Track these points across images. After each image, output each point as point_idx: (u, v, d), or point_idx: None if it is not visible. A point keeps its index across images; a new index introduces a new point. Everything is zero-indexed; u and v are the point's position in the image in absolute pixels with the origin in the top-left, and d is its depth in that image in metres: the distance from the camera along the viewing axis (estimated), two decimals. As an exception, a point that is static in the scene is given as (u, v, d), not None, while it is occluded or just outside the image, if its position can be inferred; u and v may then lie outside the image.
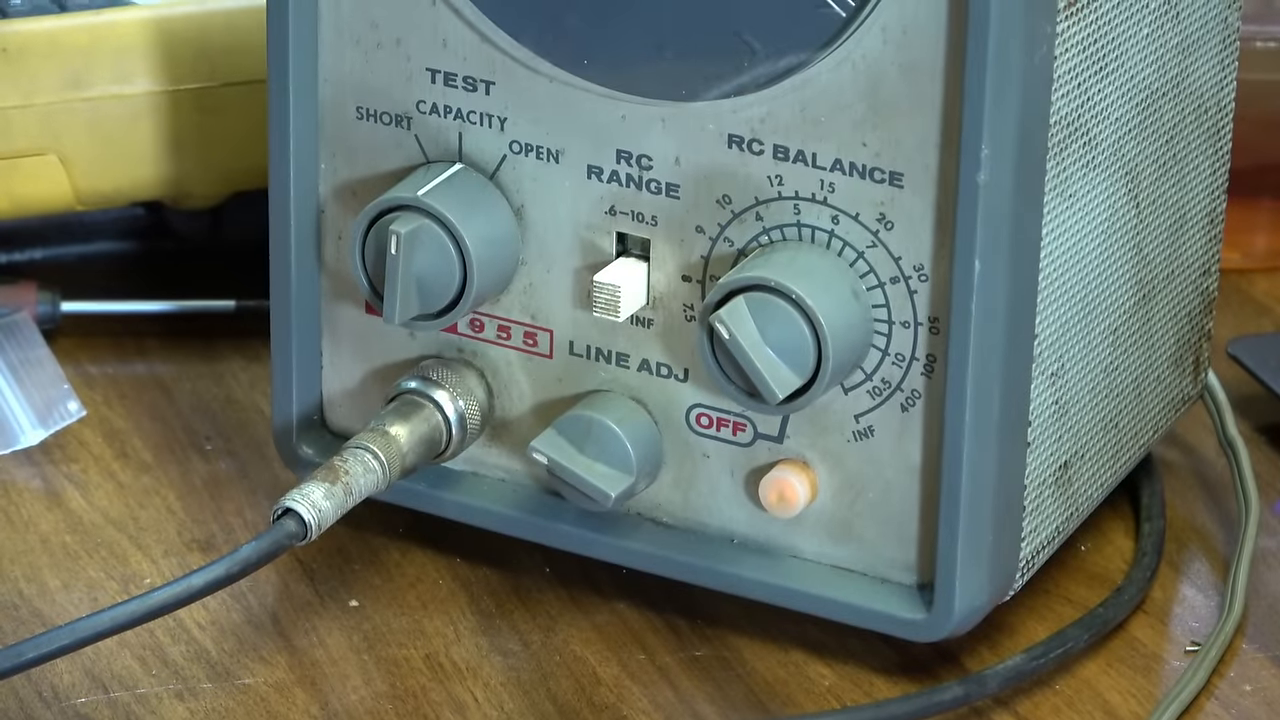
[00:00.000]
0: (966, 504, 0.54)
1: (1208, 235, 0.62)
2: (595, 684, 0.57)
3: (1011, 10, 0.50)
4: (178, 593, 0.53)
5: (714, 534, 0.57)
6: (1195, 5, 0.58)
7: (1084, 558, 0.61)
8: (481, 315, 0.58)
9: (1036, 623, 0.58)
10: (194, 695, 0.56)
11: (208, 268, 0.69)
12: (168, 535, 0.61)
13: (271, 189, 0.59)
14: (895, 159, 0.53)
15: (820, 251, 0.54)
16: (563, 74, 0.55)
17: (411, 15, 0.56)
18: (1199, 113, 0.60)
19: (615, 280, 0.56)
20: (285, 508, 0.54)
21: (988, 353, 0.53)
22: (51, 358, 0.66)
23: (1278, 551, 0.62)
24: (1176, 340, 0.61)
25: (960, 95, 0.51)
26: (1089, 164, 0.55)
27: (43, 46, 0.67)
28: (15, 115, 0.66)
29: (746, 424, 0.56)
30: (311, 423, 0.60)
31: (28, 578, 0.59)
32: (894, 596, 0.56)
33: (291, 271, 0.59)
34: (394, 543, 0.60)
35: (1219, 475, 0.63)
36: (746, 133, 0.54)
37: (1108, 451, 0.59)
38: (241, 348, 0.66)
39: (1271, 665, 0.58)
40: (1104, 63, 0.55)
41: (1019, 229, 0.53)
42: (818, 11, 0.52)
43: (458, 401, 0.57)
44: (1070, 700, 0.56)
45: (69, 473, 0.63)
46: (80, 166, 0.67)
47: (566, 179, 0.56)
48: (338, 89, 0.58)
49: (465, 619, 0.59)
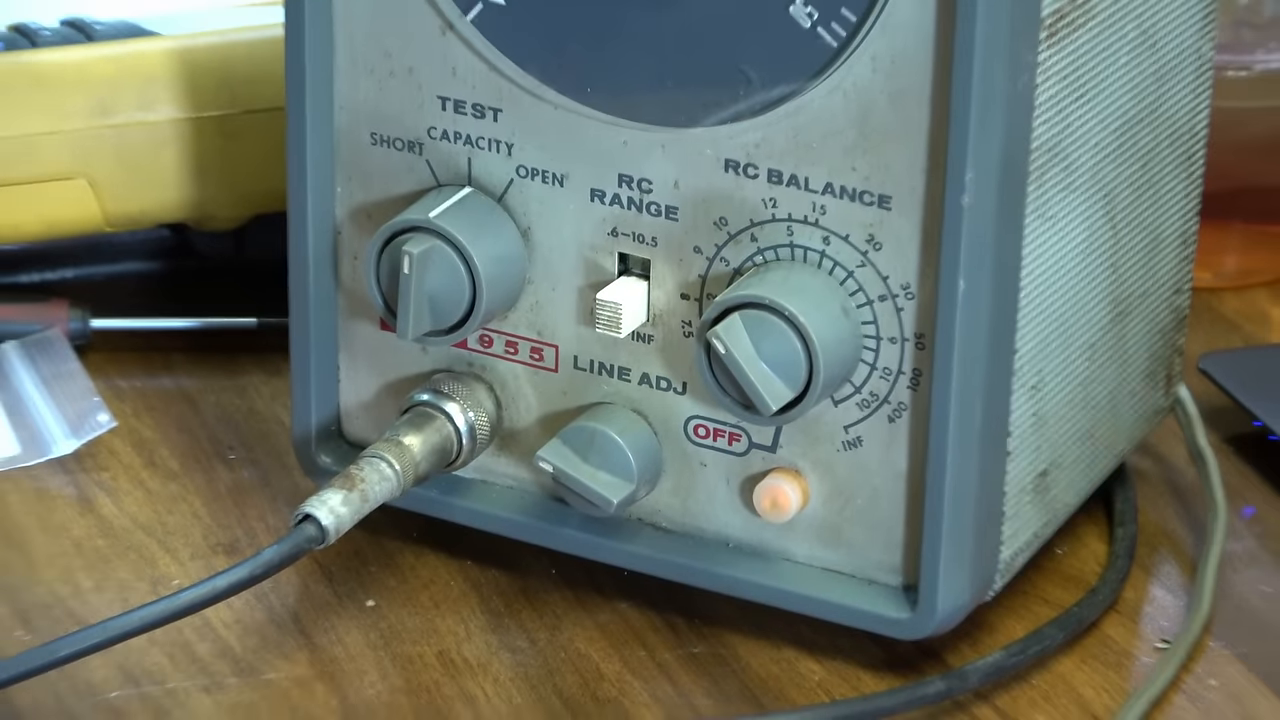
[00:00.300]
0: (949, 510, 0.55)
1: (1181, 255, 0.63)
2: (599, 679, 0.57)
3: (995, 40, 0.51)
4: (204, 593, 0.54)
5: (710, 538, 0.58)
6: (1171, 36, 0.59)
7: (1060, 560, 0.61)
8: (490, 331, 0.59)
9: (1015, 621, 0.59)
10: (220, 689, 0.56)
11: (230, 286, 0.70)
12: (194, 539, 0.62)
13: (290, 212, 0.59)
14: (884, 183, 0.53)
15: (812, 271, 0.55)
16: (567, 101, 0.56)
17: (423, 45, 0.57)
18: (1174, 138, 0.61)
19: (617, 298, 0.56)
20: (305, 513, 0.54)
21: (970, 367, 0.54)
22: (83, 372, 0.67)
23: (1244, 555, 0.62)
24: (1150, 355, 0.62)
25: (946, 122, 0.52)
26: (1068, 187, 0.56)
27: (71, 75, 0.67)
28: (45, 141, 0.66)
29: (741, 434, 0.57)
30: (329, 433, 0.61)
31: (62, 579, 0.60)
32: (880, 597, 0.57)
33: (309, 290, 0.59)
34: (408, 546, 0.61)
35: (1189, 483, 0.64)
36: (742, 158, 0.55)
37: (1084, 460, 0.60)
38: (263, 362, 0.66)
39: (1237, 661, 0.58)
40: (1083, 91, 0.55)
41: (1001, 249, 0.53)
42: (810, 42, 0.53)
43: (468, 413, 0.58)
44: (1046, 694, 0.57)
45: (100, 480, 0.64)
46: (108, 190, 0.67)
47: (571, 202, 0.57)
48: (353, 116, 0.58)
49: (476, 618, 0.59)
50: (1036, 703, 0.57)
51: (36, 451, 0.64)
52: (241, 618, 0.59)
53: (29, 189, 0.67)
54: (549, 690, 0.57)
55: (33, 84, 0.67)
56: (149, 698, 0.56)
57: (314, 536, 0.54)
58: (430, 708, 0.56)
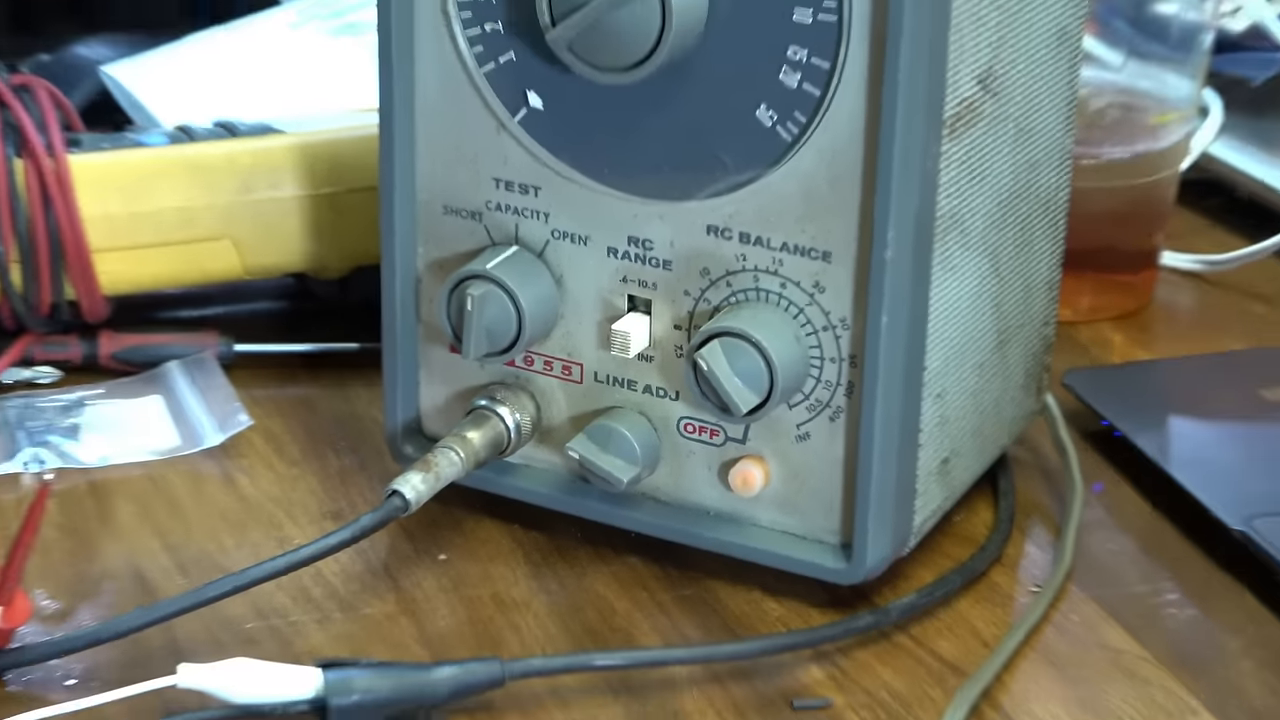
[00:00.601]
0: (875, 488, 0.54)
1: (1048, 297, 0.62)
2: (612, 614, 0.57)
3: (910, 137, 0.51)
4: (317, 549, 0.54)
5: (696, 508, 0.58)
6: (1041, 132, 0.59)
7: (958, 525, 0.61)
8: (532, 353, 0.58)
9: (925, 571, 0.59)
10: (329, 622, 0.56)
11: (338, 320, 0.69)
12: (310, 509, 0.61)
13: (383, 264, 0.59)
14: (826, 242, 0.53)
15: (772, 308, 0.54)
16: (590, 182, 0.56)
17: (482, 140, 0.56)
18: (1044, 209, 0.61)
19: (627, 329, 0.56)
20: (393, 489, 0.54)
21: (891, 381, 0.53)
22: (228, 384, 0.67)
23: (1095, 521, 0.62)
24: (1025, 371, 0.62)
25: (872, 197, 0.52)
26: (964, 246, 0.55)
27: (220, 162, 0.67)
28: (202, 212, 0.66)
29: (720, 430, 0.56)
30: (412, 430, 0.60)
31: (210, 539, 0.60)
32: (824, 552, 0.56)
33: (397, 322, 0.59)
34: (470, 514, 0.61)
35: (1054, 467, 0.64)
36: (720, 223, 0.54)
37: (975, 450, 0.60)
38: (363, 377, 0.66)
39: (1092, 601, 0.58)
40: (975, 173, 0.55)
41: (914, 293, 0.53)
42: (771, 138, 0.52)
43: (515, 414, 0.58)
44: (949, 625, 0.57)
45: (239, 465, 0.64)
46: (247, 248, 0.67)
47: (592, 257, 0.56)
48: (429, 193, 0.58)
49: (520, 568, 0.59)
50: (941, 632, 0.56)
51: (192, 443, 0.64)
52: (345, 568, 0.58)
53: (189, 247, 0.67)
54: (575, 623, 0.57)
55: (192, 169, 0.67)
56: (275, 629, 0.56)
57: (400, 506, 0.54)
58: (486, 635, 0.56)
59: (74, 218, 0.65)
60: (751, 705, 0.53)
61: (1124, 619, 0.57)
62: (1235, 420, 0.66)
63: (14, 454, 0.63)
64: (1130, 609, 0.58)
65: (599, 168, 0.55)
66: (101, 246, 0.65)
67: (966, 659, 0.55)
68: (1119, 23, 0.70)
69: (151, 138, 0.68)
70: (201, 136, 0.68)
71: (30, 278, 0.65)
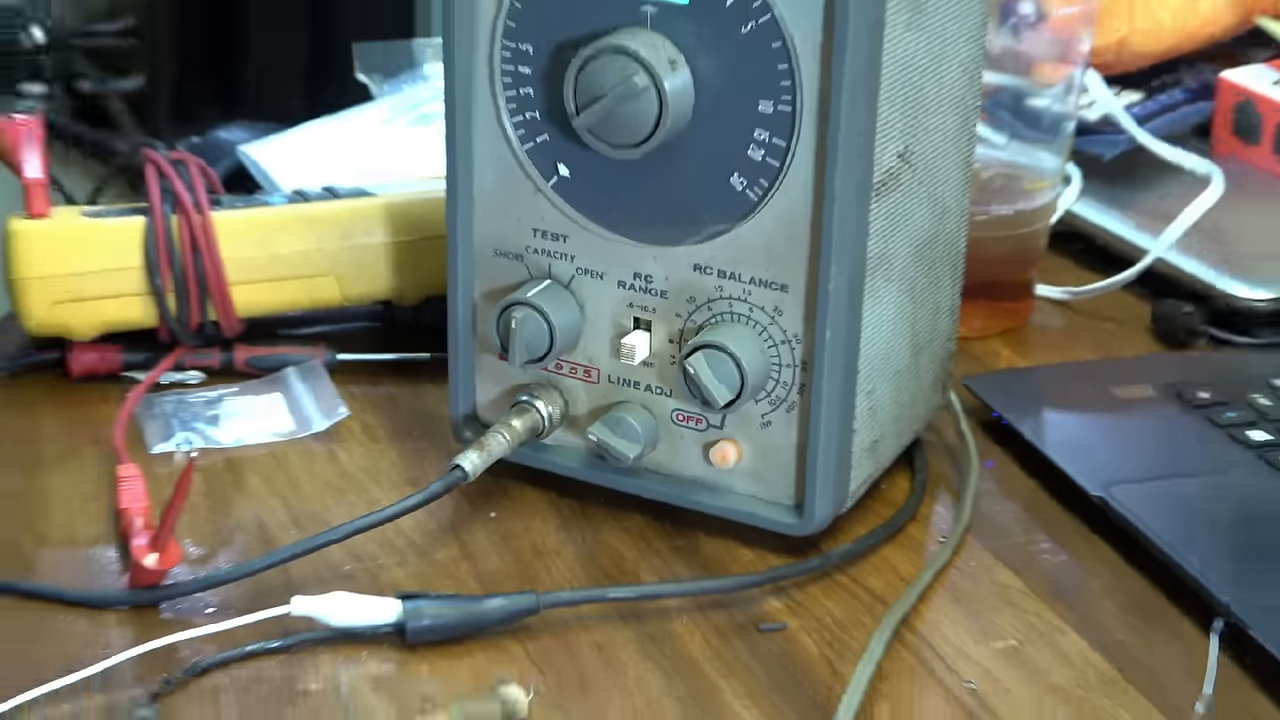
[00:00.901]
0: (820, 463, 0.54)
1: (950, 319, 0.62)
2: (622, 559, 0.56)
3: (846, 199, 0.51)
4: (397, 509, 0.54)
5: (685, 478, 0.57)
6: (947, 196, 0.58)
7: (883, 491, 0.60)
8: (561, 361, 0.57)
9: (858, 525, 0.58)
10: (406, 564, 0.56)
11: (414, 336, 0.68)
12: (393, 478, 0.61)
13: (449, 294, 0.58)
14: (783, 277, 0.53)
15: (743, 327, 0.54)
16: (605, 232, 0.55)
17: (524, 200, 0.56)
18: (947, 253, 0.60)
19: (633, 342, 0.55)
20: (455, 464, 0.54)
21: (833, 382, 0.53)
22: (331, 384, 0.66)
23: (987, 489, 0.61)
24: (933, 375, 0.61)
25: (819, 244, 0.51)
26: (888, 280, 0.55)
27: (327, 217, 0.67)
28: (313, 255, 0.66)
29: (703, 419, 0.56)
30: (470, 418, 0.60)
31: (317, 501, 0.59)
32: (782, 512, 0.56)
33: (459, 337, 0.59)
34: (514, 483, 0.60)
35: (955, 448, 0.63)
36: (703, 262, 0.54)
37: (896, 435, 0.59)
38: (433, 379, 0.65)
39: (984, 550, 0.57)
40: (896, 225, 0.54)
41: (849, 315, 0.53)
42: (741, 199, 0.52)
43: (548, 407, 0.57)
44: (876, 567, 0.56)
45: (339, 445, 0.63)
46: (346, 283, 0.66)
47: (606, 288, 0.56)
48: (483, 240, 0.57)
49: (552, 524, 0.58)
50: (870, 572, 0.56)
51: (304, 429, 0.64)
52: (419, 523, 0.57)
53: (302, 281, 0.66)
54: (593, 566, 0.56)
55: (305, 222, 0.66)
56: (367, 569, 0.55)
57: (460, 476, 0.54)
58: (525, 575, 0.55)
59: (215, 259, 0.64)
60: (727, 628, 0.53)
61: (1010, 563, 0.57)
62: (1093, 412, 0.66)
63: (169, 437, 0.63)
64: (1014, 555, 0.57)
65: (612, 221, 0.55)
66: (236, 280, 0.65)
67: (890, 592, 0.54)
68: (1003, 113, 0.70)
69: (274, 199, 0.68)
70: (312, 198, 0.68)
71: (182, 304, 0.65)
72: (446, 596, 0.52)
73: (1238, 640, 0.51)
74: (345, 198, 0.67)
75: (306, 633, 0.51)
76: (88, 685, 0.48)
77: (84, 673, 0.49)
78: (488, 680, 0.49)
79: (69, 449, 0.62)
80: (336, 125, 0.82)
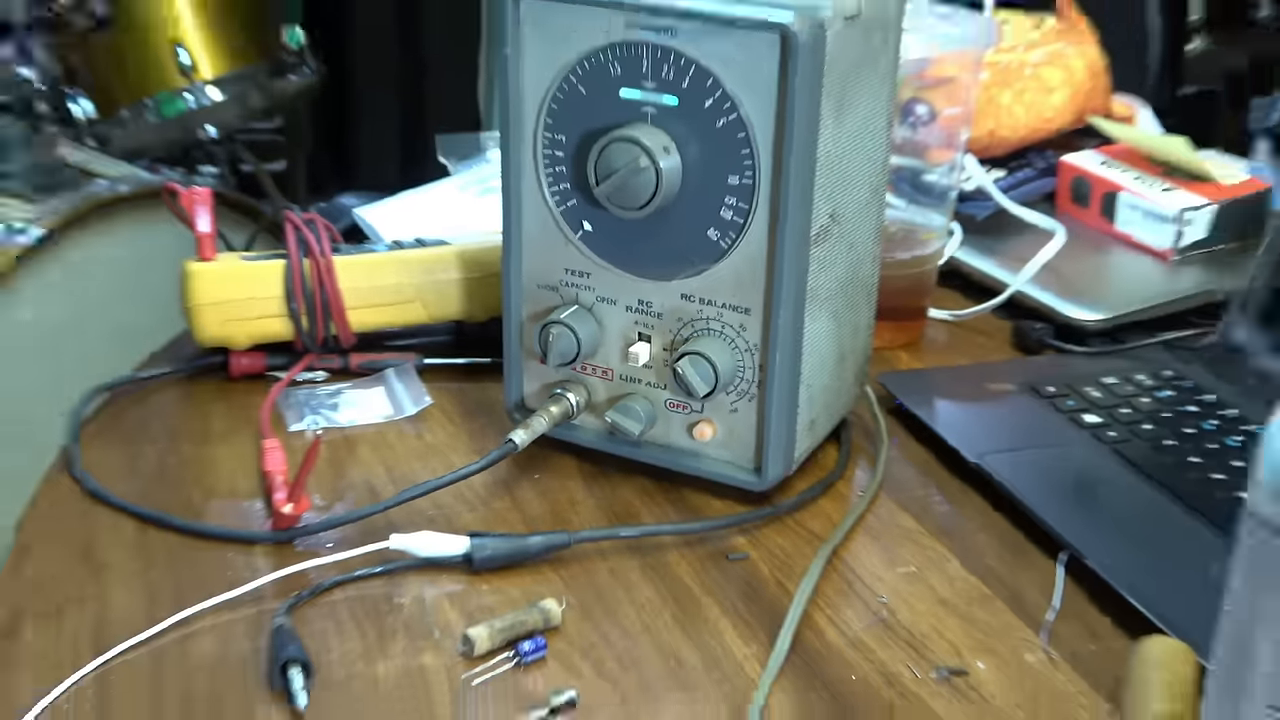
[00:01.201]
0: (773, 438, 0.53)
1: (867, 334, 0.61)
2: (630, 508, 0.56)
3: (792, 248, 0.50)
4: (466, 471, 0.53)
5: (676, 449, 0.56)
6: (863, 244, 0.57)
7: (818, 458, 0.59)
8: (585, 364, 0.56)
9: (801, 483, 0.57)
10: (474, 510, 0.55)
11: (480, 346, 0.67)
12: (464, 449, 0.60)
13: (504, 315, 0.57)
14: (747, 303, 0.52)
15: (718, 339, 0.53)
16: (617, 270, 0.54)
17: (558, 248, 0.55)
18: (864, 287, 0.59)
19: (638, 351, 0.55)
20: (509, 438, 0.53)
21: (782, 379, 0.52)
22: (419, 380, 0.65)
23: (894, 457, 0.60)
24: (855, 374, 0.60)
25: (772, 279, 0.51)
26: (821, 307, 0.54)
27: (415, 259, 0.65)
28: (406, 287, 0.65)
29: (688, 405, 0.55)
30: (519, 405, 0.59)
31: (406, 466, 0.58)
32: (746, 474, 0.55)
33: (512, 347, 0.58)
34: (553, 453, 0.59)
35: (870, 428, 0.62)
36: (689, 293, 0.53)
37: (828, 418, 0.58)
38: (493, 377, 0.63)
39: (892, 502, 0.56)
40: (826, 266, 0.54)
41: (794, 332, 0.52)
42: (716, 247, 0.52)
43: (576, 397, 0.56)
44: (813, 514, 0.55)
45: (425, 425, 0.62)
46: (430, 307, 0.65)
47: (618, 311, 0.55)
48: (530, 276, 0.56)
49: (578, 482, 0.57)
50: (809, 517, 0.55)
51: (399, 413, 0.63)
52: (483, 481, 0.57)
53: (398, 306, 0.65)
54: (609, 512, 0.55)
55: (400, 263, 0.65)
56: (444, 515, 0.54)
57: (512, 448, 0.53)
58: (560, 519, 0.55)
59: (335, 290, 0.63)
60: (705, 557, 0.52)
61: (910, 510, 0.56)
62: (970, 401, 0.65)
63: (301, 419, 0.62)
64: (913, 505, 0.56)
65: (622, 263, 0.54)
66: (350, 306, 0.64)
67: (824, 531, 0.54)
68: (904, 185, 0.69)
69: (378, 247, 0.67)
70: (405, 246, 0.67)
71: (311, 322, 0.64)
72: (502, 535, 0.51)
73: (1076, 567, 0.51)
74: (429, 246, 0.67)
75: (399, 561, 0.51)
76: (242, 599, 0.48)
77: (239, 590, 0.49)
78: (532, 596, 0.49)
79: (229, 428, 0.61)
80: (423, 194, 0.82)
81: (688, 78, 0.50)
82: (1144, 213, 0.76)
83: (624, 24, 0.50)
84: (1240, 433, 0.59)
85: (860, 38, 0.52)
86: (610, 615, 0.49)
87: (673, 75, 0.50)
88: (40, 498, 0.56)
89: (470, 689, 0.45)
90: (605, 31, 0.50)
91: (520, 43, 0.52)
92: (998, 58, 0.82)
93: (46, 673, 0.45)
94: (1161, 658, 0.44)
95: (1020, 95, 0.81)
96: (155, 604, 0.48)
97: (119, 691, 0.45)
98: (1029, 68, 0.82)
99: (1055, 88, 0.81)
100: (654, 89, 0.50)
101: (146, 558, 0.51)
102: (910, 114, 0.68)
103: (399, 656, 0.47)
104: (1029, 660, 0.47)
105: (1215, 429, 0.60)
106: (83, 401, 0.62)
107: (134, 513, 0.54)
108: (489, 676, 0.46)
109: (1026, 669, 0.47)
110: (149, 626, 0.47)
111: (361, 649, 0.47)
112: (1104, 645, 0.48)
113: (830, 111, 0.51)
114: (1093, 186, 0.79)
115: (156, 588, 0.50)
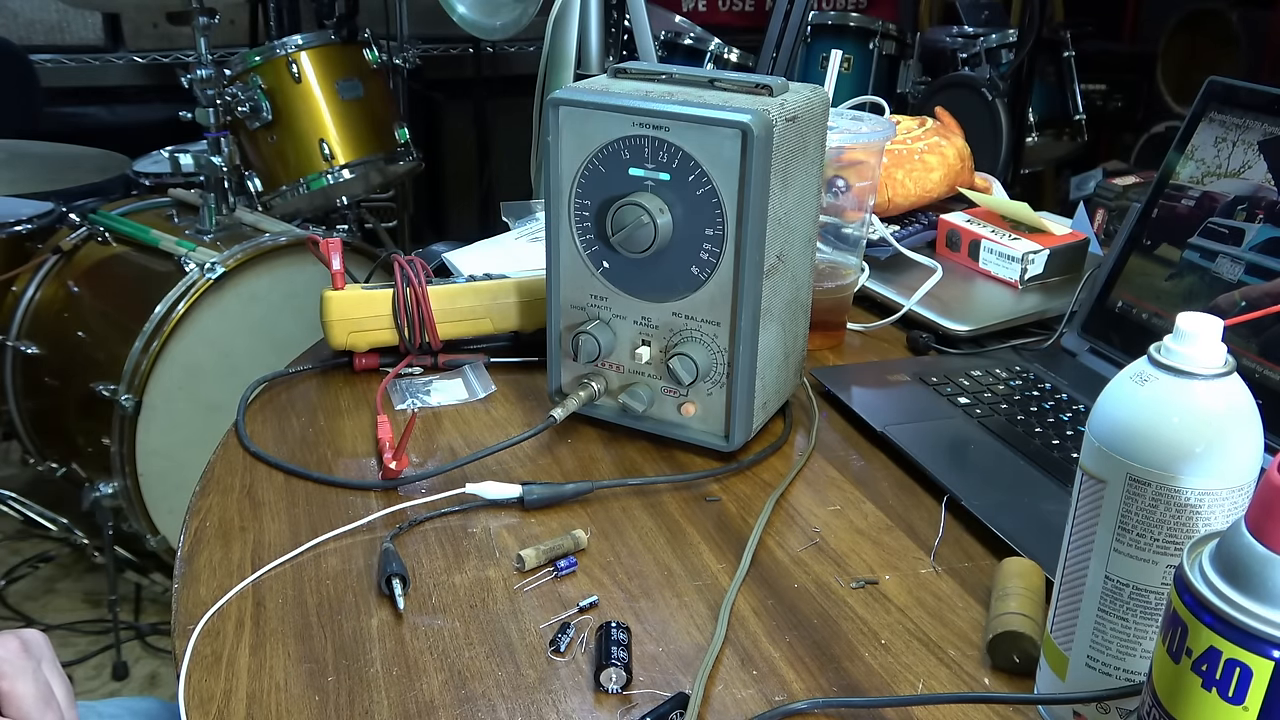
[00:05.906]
0: (737, 415, 0.52)
1: (804, 340, 0.58)
2: (635, 463, 0.54)
3: (750, 281, 0.49)
4: (519, 439, 0.52)
5: (669, 422, 0.54)
6: (800, 276, 0.55)
7: (769, 431, 0.57)
8: (604, 361, 0.55)
9: (757, 446, 0.55)
10: (524, 466, 0.53)
11: (531, 349, 0.65)
12: (519, 422, 0.58)
13: (548, 327, 0.56)
14: (719, 318, 0.51)
15: (698, 343, 0.52)
16: (626, 295, 0.53)
17: (584, 279, 0.54)
18: (802, 307, 0.57)
19: (641, 352, 0.53)
20: (550, 415, 0.52)
21: (743, 372, 0.51)
22: (488, 374, 0.63)
23: (823, 428, 0.58)
24: (795, 368, 0.58)
25: (737, 302, 0.49)
26: (772, 320, 0.52)
27: (485, 288, 0.63)
28: (478, 308, 0.63)
29: (677, 390, 0.53)
30: (558, 391, 0.57)
31: (480, 434, 0.57)
32: (718, 439, 0.53)
33: (554, 348, 0.56)
34: (581, 425, 0.57)
35: (807, 407, 0.60)
36: (678, 311, 0.52)
37: (776, 399, 0.56)
38: (540, 371, 0.62)
39: (822, 460, 0.55)
40: (775, 292, 0.52)
41: (751, 339, 0.51)
42: (696, 279, 0.50)
43: (598, 385, 0.55)
44: (767, 468, 0.54)
45: (491, 405, 0.60)
46: (496, 321, 0.63)
47: (627, 325, 0.54)
48: (567, 301, 0.55)
49: (599, 447, 0.55)
50: (764, 470, 0.53)
51: (473, 397, 0.61)
52: (532, 445, 0.55)
53: (473, 321, 0.63)
54: (620, 468, 0.53)
55: (475, 291, 0.63)
56: (504, 469, 0.53)
57: (553, 421, 0.52)
58: (586, 472, 0.53)
59: (428, 311, 0.62)
60: (690, 500, 0.51)
61: (837, 467, 0.54)
62: (877, 388, 0.63)
63: (404, 401, 0.60)
64: (837, 462, 0.55)
65: (631, 289, 0.53)
66: (439, 321, 0.62)
67: (775, 481, 0.52)
68: (830, 236, 0.68)
69: (459, 280, 0.65)
70: (479, 279, 0.65)
71: (411, 333, 0.62)
72: (545, 483, 0.50)
73: (955, 507, 0.49)
74: (495, 279, 0.65)
75: (472, 502, 0.49)
76: (359, 530, 0.47)
77: (357, 523, 0.47)
78: (566, 526, 0.47)
79: (352, 407, 0.60)
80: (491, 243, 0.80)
81: (677, 160, 0.49)
82: (999, 255, 0.75)
83: (632, 123, 0.49)
84: (1070, 411, 0.58)
85: (797, 133, 0.51)
86: (622, 540, 0.48)
87: (666, 158, 0.49)
88: (217, 456, 0.55)
89: (522, 594, 0.44)
90: (619, 128, 0.50)
91: (559, 136, 0.51)
92: (894, 147, 0.81)
93: (221, 581, 0.44)
94: (1018, 572, 0.43)
95: (910, 173, 0.80)
96: (297, 532, 0.47)
97: (270, 596, 0.44)
98: (916, 154, 0.81)
99: (934, 168, 0.81)
100: (653, 168, 0.50)
101: (291, 499, 0.50)
102: (833, 186, 0.66)
103: (471, 571, 0.46)
104: (921, 573, 0.46)
105: (1051, 408, 0.58)
106: (249, 389, 0.60)
107: (283, 467, 0.53)
108: (535, 584, 0.45)
109: (920, 580, 0.45)
110: (293, 549, 0.46)
111: (444, 565, 0.46)
112: (976, 564, 0.46)
113: (777, 184, 0.49)
114: (962, 237, 0.78)
115: (298, 521, 0.48)
